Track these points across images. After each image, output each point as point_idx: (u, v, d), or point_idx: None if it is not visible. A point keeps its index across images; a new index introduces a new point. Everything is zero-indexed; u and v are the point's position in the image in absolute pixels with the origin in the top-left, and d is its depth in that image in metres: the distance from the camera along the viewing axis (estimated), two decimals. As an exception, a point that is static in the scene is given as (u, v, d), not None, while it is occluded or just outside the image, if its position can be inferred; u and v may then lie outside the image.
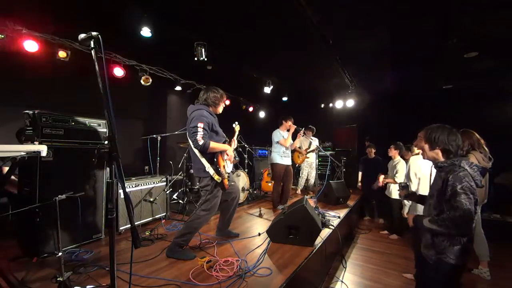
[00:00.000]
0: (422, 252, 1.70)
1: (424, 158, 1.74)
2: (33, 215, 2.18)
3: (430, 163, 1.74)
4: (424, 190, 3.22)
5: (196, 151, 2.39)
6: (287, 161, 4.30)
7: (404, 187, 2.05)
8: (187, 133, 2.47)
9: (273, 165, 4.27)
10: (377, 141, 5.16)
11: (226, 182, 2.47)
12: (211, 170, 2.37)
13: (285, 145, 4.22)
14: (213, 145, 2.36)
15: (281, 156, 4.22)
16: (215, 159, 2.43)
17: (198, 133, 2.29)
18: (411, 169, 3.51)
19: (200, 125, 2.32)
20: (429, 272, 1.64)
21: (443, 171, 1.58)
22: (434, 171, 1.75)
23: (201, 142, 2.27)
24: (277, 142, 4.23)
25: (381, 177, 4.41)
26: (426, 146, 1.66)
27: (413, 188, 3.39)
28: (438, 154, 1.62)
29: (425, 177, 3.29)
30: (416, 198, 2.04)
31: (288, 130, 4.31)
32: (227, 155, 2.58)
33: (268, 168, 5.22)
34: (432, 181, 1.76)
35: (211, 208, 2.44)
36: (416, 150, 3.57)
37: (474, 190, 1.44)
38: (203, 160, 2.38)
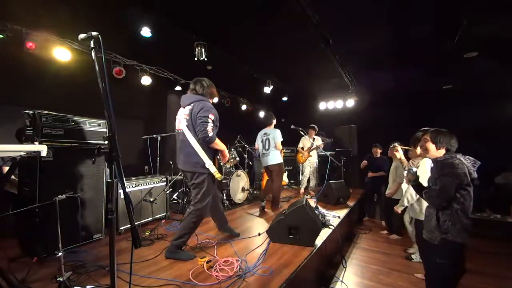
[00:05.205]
0: (424, 236, 1.93)
1: (425, 155, 2.05)
2: (33, 215, 2.18)
3: None
4: None
5: (197, 144, 2.29)
6: None
7: (414, 173, 2.10)
8: (187, 123, 2.34)
9: (281, 165, 4.14)
10: (377, 141, 5.16)
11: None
12: (212, 168, 2.32)
13: (280, 148, 4.11)
14: (218, 141, 2.33)
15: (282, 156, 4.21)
16: (217, 157, 2.43)
17: (209, 124, 2.24)
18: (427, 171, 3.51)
19: (211, 117, 2.28)
20: (435, 255, 1.83)
21: (441, 162, 1.86)
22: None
23: (210, 134, 2.23)
24: (281, 142, 4.08)
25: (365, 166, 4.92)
26: (433, 147, 1.93)
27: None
28: (441, 153, 1.91)
29: None
30: (420, 186, 2.10)
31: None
32: (223, 156, 2.50)
33: None
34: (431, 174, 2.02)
35: (205, 206, 2.40)
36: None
37: (460, 176, 1.71)
38: (204, 156, 2.29)
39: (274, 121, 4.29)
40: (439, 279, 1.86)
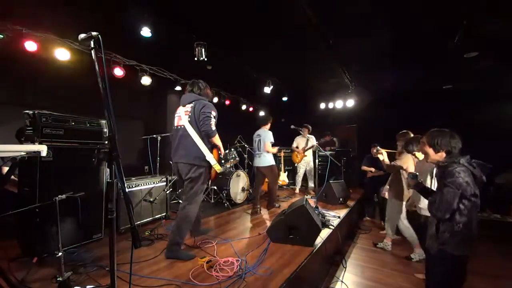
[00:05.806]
0: (426, 243, 1.84)
1: (427, 161, 1.88)
2: (33, 215, 2.18)
3: None
4: None
5: (198, 138, 2.40)
6: None
7: (414, 177, 2.03)
8: (189, 118, 2.45)
9: (272, 167, 4.13)
10: (377, 141, 5.16)
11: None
12: (212, 160, 2.41)
13: (272, 151, 4.09)
14: (217, 136, 2.47)
15: (273, 157, 4.20)
16: (218, 151, 2.53)
17: (212, 119, 2.41)
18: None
19: (214, 113, 2.45)
20: (433, 264, 1.77)
21: (443, 168, 1.72)
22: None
23: (213, 128, 2.40)
24: (270, 143, 4.05)
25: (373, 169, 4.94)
26: (431, 151, 1.79)
27: None
28: (442, 156, 1.76)
29: None
30: (423, 189, 2.05)
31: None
32: (220, 151, 2.59)
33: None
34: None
35: (198, 200, 2.47)
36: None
37: (463, 186, 1.57)
38: (204, 149, 2.40)
39: (269, 124, 4.25)
40: (438, 286, 1.81)
